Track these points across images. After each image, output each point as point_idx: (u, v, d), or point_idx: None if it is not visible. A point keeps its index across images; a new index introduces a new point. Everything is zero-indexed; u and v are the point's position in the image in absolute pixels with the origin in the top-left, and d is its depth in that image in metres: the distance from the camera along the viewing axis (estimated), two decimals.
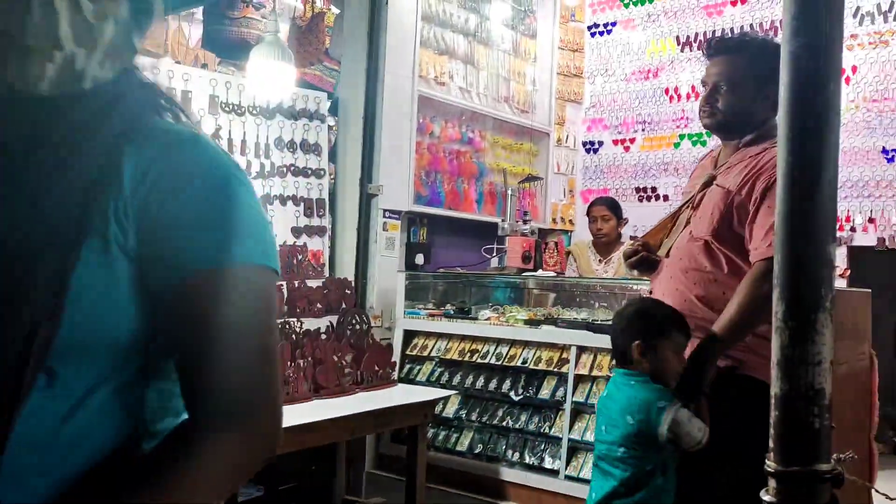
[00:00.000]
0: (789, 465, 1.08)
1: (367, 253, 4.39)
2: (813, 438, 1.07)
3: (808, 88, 1.10)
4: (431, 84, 4.89)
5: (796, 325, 1.08)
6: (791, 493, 1.08)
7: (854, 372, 3.30)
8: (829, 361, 1.08)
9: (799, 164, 1.11)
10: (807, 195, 1.10)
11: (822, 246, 1.09)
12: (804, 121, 1.11)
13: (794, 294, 1.09)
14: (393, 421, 3.50)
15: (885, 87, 4.72)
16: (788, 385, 1.09)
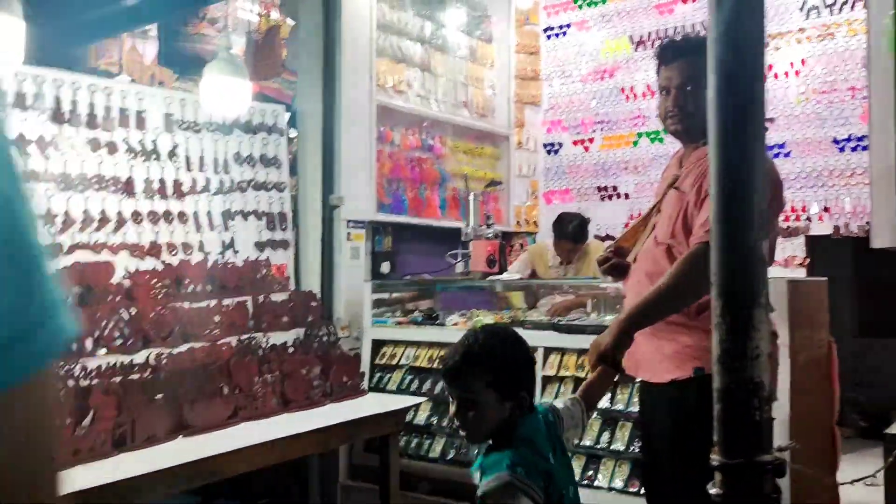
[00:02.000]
0: (733, 457, 1.11)
1: (331, 264, 4.38)
2: (755, 430, 1.11)
3: (734, 89, 1.13)
4: (389, 93, 4.91)
5: (733, 321, 1.11)
6: (736, 484, 1.11)
7: (813, 359, 3.37)
8: (768, 354, 1.12)
9: (730, 164, 1.14)
10: (738, 194, 1.14)
11: (755, 243, 1.12)
12: (732, 121, 1.14)
13: (730, 291, 1.12)
14: (364, 431, 3.51)
15: (834, 78, 4.83)
16: (729, 379, 1.12)
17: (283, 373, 3.37)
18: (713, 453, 1.14)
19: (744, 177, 1.13)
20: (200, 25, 5.18)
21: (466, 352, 1.84)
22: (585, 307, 4.29)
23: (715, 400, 1.14)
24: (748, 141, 1.13)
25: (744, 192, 1.13)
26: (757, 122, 1.13)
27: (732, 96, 1.13)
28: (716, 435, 1.14)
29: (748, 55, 1.12)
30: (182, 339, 3.39)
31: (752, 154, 1.13)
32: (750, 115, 1.12)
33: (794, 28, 4.98)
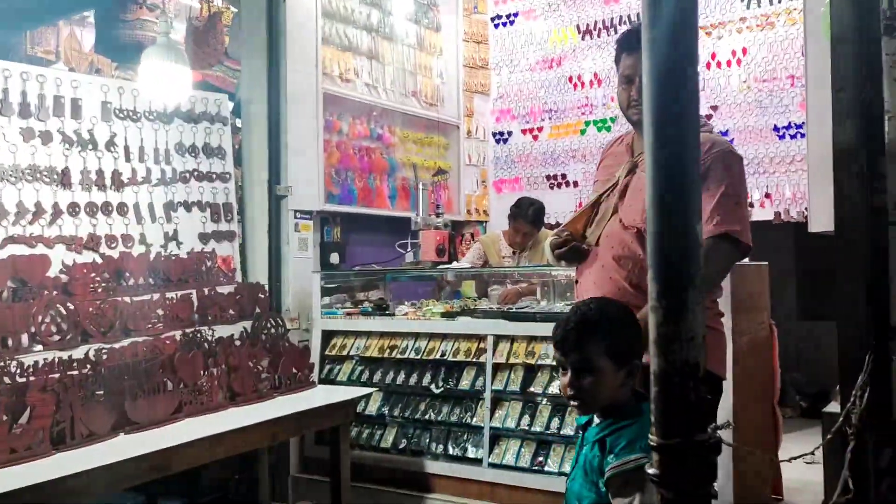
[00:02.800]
0: (669, 437, 1.13)
1: (279, 255, 4.32)
2: (690, 411, 1.12)
3: (668, 74, 1.14)
4: (336, 81, 4.85)
5: (668, 304, 1.12)
6: (672, 464, 1.13)
7: (755, 342, 3.46)
8: (702, 337, 1.13)
9: (665, 149, 1.15)
10: (674, 178, 1.14)
11: (689, 226, 1.13)
12: (667, 106, 1.14)
13: (666, 274, 1.13)
14: (314, 423, 3.48)
15: (774, 67, 4.94)
16: (665, 361, 1.13)
17: (229, 366, 3.31)
18: (651, 434, 1.16)
19: (678, 161, 1.13)
20: (140, 11, 5.03)
21: (582, 317, 1.84)
22: (536, 295, 4.33)
23: (651, 382, 1.15)
24: (682, 126, 1.14)
25: (679, 177, 1.14)
26: (691, 106, 1.14)
27: (666, 81, 1.14)
28: (652, 416, 1.16)
29: (681, 39, 1.12)
30: (123, 334, 3.32)
31: (687, 139, 1.14)
32: (684, 100, 1.13)
33: (735, 17, 5.07)
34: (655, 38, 1.13)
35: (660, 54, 1.12)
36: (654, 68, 1.13)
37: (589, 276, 2.38)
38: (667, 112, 1.13)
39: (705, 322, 2.27)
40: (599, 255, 2.36)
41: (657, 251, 1.14)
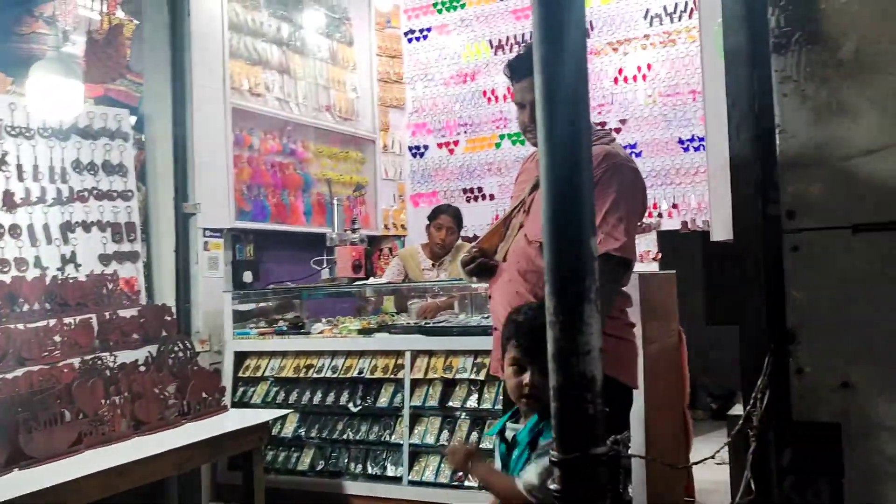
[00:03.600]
0: (569, 452, 1.12)
1: (188, 275, 4.17)
2: (589, 424, 1.12)
3: (559, 91, 1.14)
4: (246, 95, 4.74)
5: (565, 319, 1.12)
6: (573, 478, 1.12)
7: (665, 348, 3.54)
8: (599, 349, 1.13)
9: (557, 163, 1.15)
10: (567, 194, 1.14)
11: (584, 241, 1.13)
12: (560, 123, 1.15)
13: (561, 289, 1.13)
14: (225, 448, 3.35)
15: (677, 82, 5.11)
16: (563, 376, 1.12)
17: (133, 393, 3.17)
18: (551, 449, 1.15)
19: (571, 175, 1.13)
20: (35, 25, 4.80)
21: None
22: (454, 308, 4.32)
23: (552, 398, 1.15)
24: (575, 140, 1.14)
25: (572, 191, 1.14)
26: (582, 121, 1.15)
27: (557, 97, 1.14)
28: (553, 431, 1.15)
29: (571, 56, 1.13)
30: (16, 363, 3.13)
31: (579, 153, 1.14)
32: (575, 115, 1.14)
33: (640, 34, 5.22)
34: (547, 57, 1.13)
35: (551, 72, 1.13)
36: (545, 85, 1.14)
37: (499, 291, 2.41)
38: (559, 129, 1.13)
39: (615, 332, 2.31)
40: (507, 269, 2.39)
41: (553, 266, 1.14)
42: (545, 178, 1.14)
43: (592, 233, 1.13)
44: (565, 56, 1.12)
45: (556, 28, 1.13)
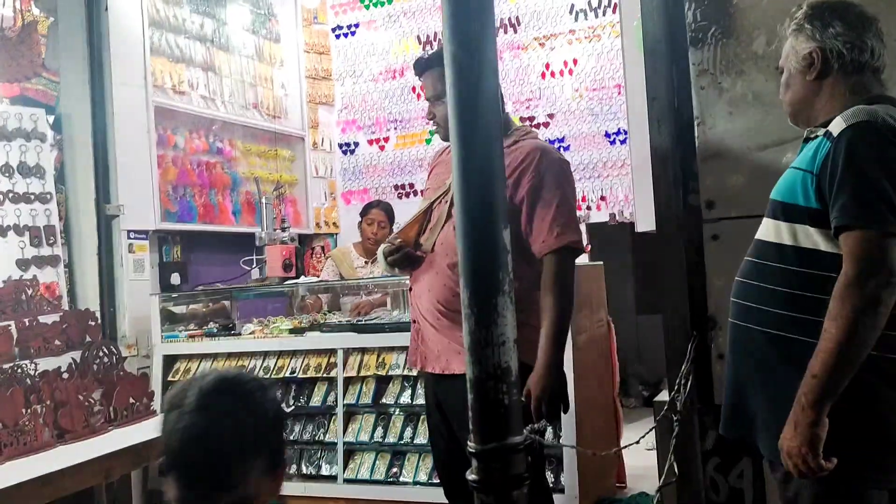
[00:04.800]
0: (486, 442, 1.14)
1: (112, 279, 4.06)
2: (504, 414, 1.14)
3: (468, 85, 1.16)
4: (169, 93, 4.63)
5: (479, 311, 1.14)
6: (491, 468, 1.14)
7: (594, 338, 3.61)
8: (514, 340, 1.15)
9: (468, 155, 1.16)
10: (480, 186, 1.16)
11: (496, 233, 1.15)
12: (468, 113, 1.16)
13: (475, 281, 1.14)
14: (153, 454, 3.28)
15: (602, 76, 5.21)
16: (479, 367, 1.14)
17: (56, 401, 3.07)
18: (469, 441, 1.17)
19: (482, 166, 1.15)
20: None
21: None
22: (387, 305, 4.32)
23: (468, 390, 1.16)
24: (485, 132, 1.16)
25: (484, 184, 1.15)
26: (491, 113, 1.16)
27: (466, 89, 1.16)
28: (471, 423, 1.17)
29: (477, 50, 1.14)
30: None
31: (490, 144, 1.16)
32: (483, 108, 1.15)
33: (565, 30, 5.30)
34: (454, 48, 1.15)
35: (459, 63, 1.14)
36: (454, 78, 1.15)
37: (423, 283, 2.42)
38: (470, 122, 1.15)
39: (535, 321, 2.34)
40: (435, 261, 2.40)
41: (467, 259, 1.15)
42: (457, 173, 1.15)
43: (505, 226, 1.15)
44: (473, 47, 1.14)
45: (464, 21, 1.15)
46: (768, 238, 1.77)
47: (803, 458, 1.56)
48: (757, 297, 1.76)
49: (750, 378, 1.80)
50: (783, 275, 1.71)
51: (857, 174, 1.58)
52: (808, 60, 1.78)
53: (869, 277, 1.52)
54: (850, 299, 1.53)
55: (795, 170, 1.75)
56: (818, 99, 1.80)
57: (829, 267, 1.63)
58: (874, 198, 1.55)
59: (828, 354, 1.54)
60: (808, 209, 1.67)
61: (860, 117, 1.62)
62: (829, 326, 1.55)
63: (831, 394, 1.55)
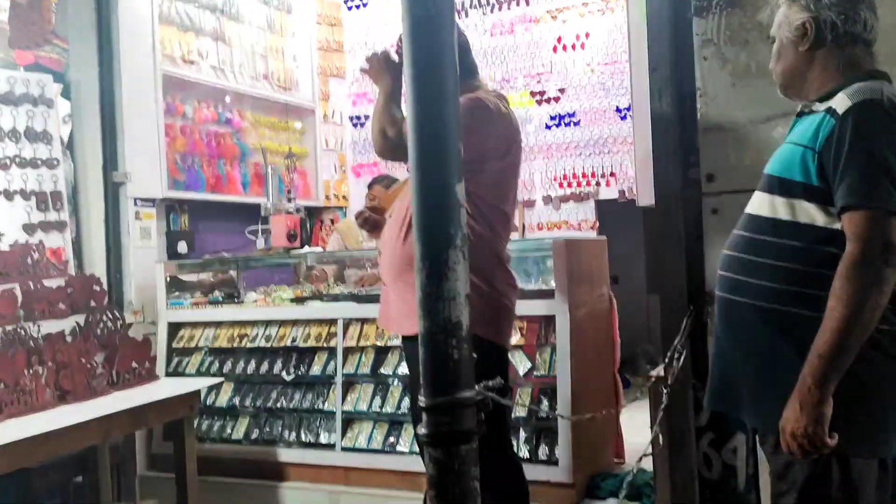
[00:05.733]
0: (436, 396, 1.14)
1: (119, 246, 4.10)
2: (454, 369, 1.13)
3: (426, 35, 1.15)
4: (178, 63, 4.64)
5: (431, 264, 1.13)
6: (439, 422, 1.14)
7: (593, 313, 3.59)
8: (465, 296, 1.15)
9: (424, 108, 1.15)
10: (433, 139, 1.15)
11: (449, 187, 1.14)
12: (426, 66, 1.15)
13: (427, 234, 1.14)
14: (154, 417, 3.33)
15: (614, 50, 5.14)
16: (430, 322, 1.14)
17: (58, 363, 3.12)
18: (420, 396, 1.17)
19: (437, 120, 1.14)
20: None
21: None
22: None
23: (420, 345, 1.16)
24: (441, 85, 1.15)
25: (437, 137, 1.14)
26: (448, 66, 1.15)
27: (424, 42, 1.14)
28: (421, 378, 1.17)
29: (434, 4, 1.13)
30: None
31: (445, 98, 1.15)
32: (440, 60, 1.14)
33: (577, 2, 5.23)
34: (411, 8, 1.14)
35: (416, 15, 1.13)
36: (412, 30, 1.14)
37: (386, 247, 2.53)
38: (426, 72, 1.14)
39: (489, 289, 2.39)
40: (392, 225, 2.53)
41: (419, 212, 1.15)
42: (412, 125, 1.15)
43: (458, 179, 1.14)
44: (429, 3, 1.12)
45: None
46: (762, 213, 1.75)
47: (810, 437, 1.56)
48: (749, 270, 1.75)
49: (738, 351, 1.79)
50: (778, 248, 1.69)
51: (864, 153, 1.56)
52: (801, 31, 1.76)
53: (875, 257, 1.52)
54: (856, 279, 1.53)
55: (794, 145, 1.72)
56: (810, 70, 1.78)
57: (826, 241, 1.62)
58: (882, 178, 1.54)
59: (834, 333, 1.53)
60: (807, 185, 1.65)
61: (866, 95, 1.60)
62: (834, 305, 1.54)
63: (837, 372, 1.55)
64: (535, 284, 3.59)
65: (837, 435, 1.57)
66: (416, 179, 1.14)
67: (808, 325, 1.59)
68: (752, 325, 1.73)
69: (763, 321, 1.70)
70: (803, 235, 1.66)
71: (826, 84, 1.73)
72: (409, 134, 1.15)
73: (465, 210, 1.16)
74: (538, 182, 5.39)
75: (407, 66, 1.14)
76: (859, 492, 1.64)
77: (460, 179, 1.14)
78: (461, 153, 1.16)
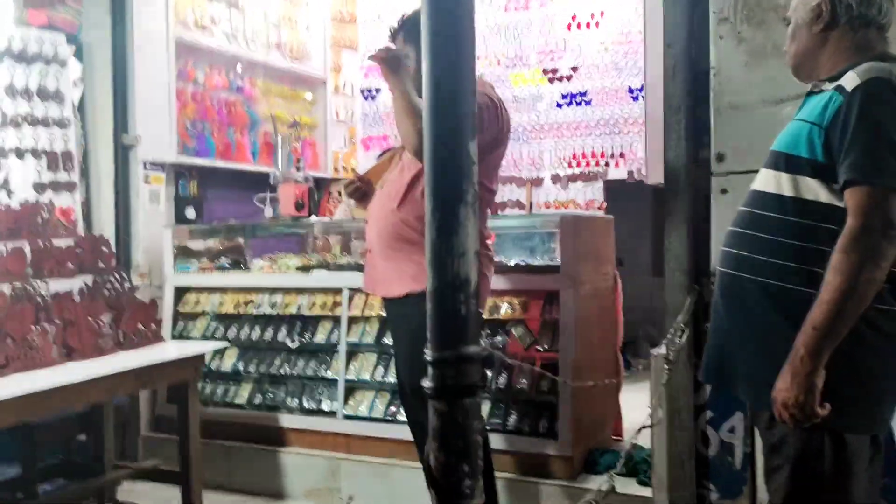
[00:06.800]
0: (442, 350, 1.15)
1: (128, 208, 4.12)
2: (461, 324, 1.14)
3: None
4: (191, 28, 4.63)
5: (441, 218, 1.14)
6: (445, 375, 1.15)
7: (597, 291, 3.60)
8: (474, 252, 1.15)
9: (441, 68, 1.16)
10: (448, 98, 1.15)
11: (463, 144, 1.15)
12: (443, 29, 1.15)
13: (438, 189, 1.15)
14: (158, 378, 3.37)
15: (629, 30, 5.10)
16: (438, 277, 1.15)
17: (65, 321, 3.15)
18: (426, 349, 1.18)
19: (453, 79, 1.15)
20: None
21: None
22: None
23: (428, 300, 1.17)
24: (458, 44, 1.15)
25: (453, 95, 1.15)
26: (466, 24, 1.15)
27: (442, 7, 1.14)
28: (429, 332, 1.18)
29: None
30: None
31: (462, 59, 1.15)
32: (458, 18, 1.14)
33: None
34: None
35: None
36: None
37: (374, 216, 2.70)
38: (443, 34, 1.14)
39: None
40: (382, 194, 2.69)
41: (432, 167, 1.15)
42: (427, 79, 1.15)
43: (472, 137, 1.14)
44: None
45: None
46: (767, 189, 1.76)
47: (801, 407, 1.58)
48: (752, 246, 1.76)
49: (737, 326, 1.80)
50: (781, 225, 1.70)
51: (869, 130, 1.57)
52: (817, 11, 1.76)
53: (874, 232, 1.53)
54: (853, 252, 1.54)
55: (802, 122, 1.73)
56: (823, 52, 1.78)
57: (829, 219, 1.63)
58: (885, 154, 1.55)
59: (830, 305, 1.55)
60: (813, 161, 1.66)
61: (874, 73, 1.61)
62: (831, 279, 1.56)
63: (830, 344, 1.56)
64: (541, 259, 3.60)
65: (830, 407, 1.58)
66: (431, 137, 1.14)
67: (807, 302, 1.60)
68: (752, 300, 1.74)
69: (763, 297, 1.72)
70: (806, 212, 1.67)
71: (837, 65, 1.74)
72: (425, 93, 1.15)
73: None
74: (547, 161, 5.38)
75: (424, 23, 1.14)
76: (851, 468, 1.66)
77: (474, 138, 1.14)
78: (475, 114, 1.16)
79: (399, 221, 2.59)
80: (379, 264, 2.70)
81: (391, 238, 2.61)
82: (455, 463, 1.14)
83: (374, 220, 2.71)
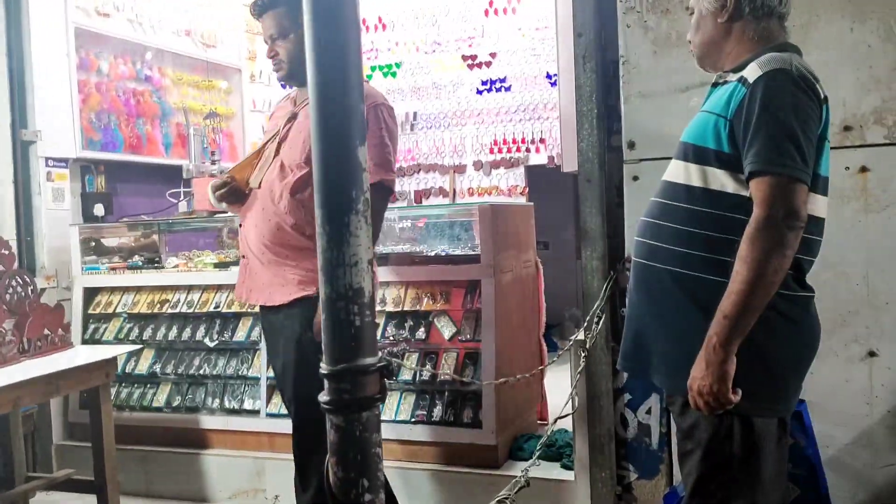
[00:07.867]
0: (336, 363, 1.12)
1: (29, 208, 3.92)
2: (355, 336, 1.11)
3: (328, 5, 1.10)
4: (92, 15, 4.41)
5: (332, 229, 1.11)
6: (341, 389, 1.12)
7: (519, 278, 3.62)
8: (368, 262, 1.13)
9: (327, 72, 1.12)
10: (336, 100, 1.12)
11: (352, 150, 1.11)
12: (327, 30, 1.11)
13: (328, 199, 1.11)
14: (68, 385, 3.21)
15: (545, 15, 5.12)
16: (331, 287, 1.11)
17: None
18: (322, 363, 1.15)
19: (340, 85, 1.11)
20: None
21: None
22: None
23: (321, 311, 1.14)
24: (343, 49, 1.11)
25: (340, 97, 1.11)
26: (350, 24, 1.12)
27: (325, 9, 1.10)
28: (324, 345, 1.15)
29: None
30: None
31: (348, 63, 1.11)
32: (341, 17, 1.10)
33: None
34: None
35: None
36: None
37: (251, 219, 2.53)
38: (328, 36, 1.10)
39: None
40: (260, 197, 2.51)
41: (321, 176, 1.11)
42: (313, 85, 1.11)
43: (361, 143, 1.11)
44: None
45: None
46: (677, 179, 1.78)
47: (715, 395, 1.61)
48: (663, 236, 1.78)
49: (651, 315, 1.82)
50: (691, 215, 1.73)
51: (771, 121, 1.60)
52: (721, 2, 1.78)
53: (779, 221, 1.56)
54: (759, 242, 1.56)
55: (708, 113, 1.75)
56: (727, 42, 1.80)
57: (735, 208, 1.66)
58: (786, 145, 1.58)
59: (738, 295, 1.57)
60: (719, 152, 1.69)
61: (775, 65, 1.63)
62: (739, 268, 1.58)
63: (741, 333, 1.59)
64: (462, 250, 3.60)
65: (741, 393, 1.62)
66: (318, 143, 1.11)
67: (717, 291, 1.63)
68: (665, 290, 1.77)
69: (675, 286, 1.74)
70: (714, 202, 1.70)
71: (741, 55, 1.77)
72: (311, 96, 1.11)
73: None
74: (469, 147, 5.38)
75: (308, 23, 1.10)
76: (761, 450, 1.70)
77: (363, 143, 1.11)
78: (364, 116, 1.13)
79: (285, 226, 2.45)
80: (257, 271, 2.54)
81: (275, 244, 2.47)
82: (355, 478, 1.11)
83: (251, 225, 2.54)
